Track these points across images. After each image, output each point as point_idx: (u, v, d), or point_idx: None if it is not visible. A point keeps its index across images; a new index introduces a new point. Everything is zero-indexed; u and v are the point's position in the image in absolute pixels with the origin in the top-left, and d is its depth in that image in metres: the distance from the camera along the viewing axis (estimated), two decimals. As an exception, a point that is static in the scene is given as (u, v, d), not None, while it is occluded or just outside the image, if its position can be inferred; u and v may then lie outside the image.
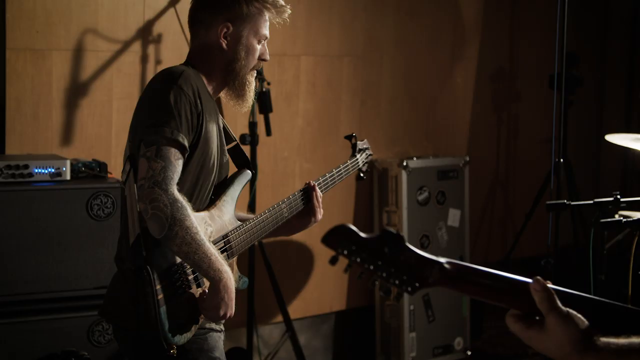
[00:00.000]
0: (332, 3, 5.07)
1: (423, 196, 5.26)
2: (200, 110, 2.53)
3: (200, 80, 2.64)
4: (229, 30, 2.65)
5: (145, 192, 2.41)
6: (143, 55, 4.31)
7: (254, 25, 2.67)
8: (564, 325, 1.47)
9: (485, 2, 5.87)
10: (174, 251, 2.45)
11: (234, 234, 2.67)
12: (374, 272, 1.45)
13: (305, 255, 5.13)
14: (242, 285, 2.82)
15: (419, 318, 5.20)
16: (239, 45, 2.66)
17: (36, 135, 4.07)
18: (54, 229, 3.54)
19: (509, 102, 6.15)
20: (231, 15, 2.64)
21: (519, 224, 5.71)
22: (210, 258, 2.44)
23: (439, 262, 1.46)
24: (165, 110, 2.47)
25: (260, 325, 4.85)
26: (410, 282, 1.45)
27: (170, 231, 2.38)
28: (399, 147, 5.47)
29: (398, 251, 1.45)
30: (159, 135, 2.44)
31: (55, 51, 4.08)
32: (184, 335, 2.52)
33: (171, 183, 2.42)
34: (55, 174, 3.62)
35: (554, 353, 1.48)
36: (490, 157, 6.09)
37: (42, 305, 3.55)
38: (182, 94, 2.49)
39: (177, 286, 2.51)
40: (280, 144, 4.91)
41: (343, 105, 5.20)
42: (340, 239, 1.45)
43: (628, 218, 3.49)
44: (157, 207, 2.38)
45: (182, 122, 2.47)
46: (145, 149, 2.45)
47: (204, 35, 2.68)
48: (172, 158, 2.45)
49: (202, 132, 2.55)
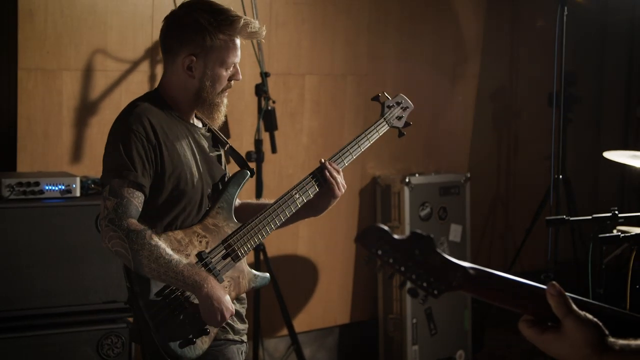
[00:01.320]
0: (336, 23, 5.14)
1: (425, 212, 5.32)
2: (155, 143, 2.60)
3: (162, 108, 2.69)
4: (193, 63, 2.67)
5: (103, 232, 2.55)
6: (151, 74, 4.39)
7: (219, 55, 2.67)
8: (582, 327, 1.47)
9: (486, 22, 5.94)
10: (149, 277, 2.54)
11: (234, 237, 2.71)
12: (404, 272, 1.45)
13: (310, 269, 5.18)
14: (262, 282, 2.82)
15: (421, 331, 5.24)
16: (204, 76, 2.68)
17: (47, 153, 4.13)
18: (64, 245, 3.58)
19: (509, 120, 6.20)
20: (195, 48, 2.65)
21: (519, 239, 5.74)
22: (183, 273, 2.51)
23: (463, 266, 1.47)
24: (115, 154, 2.58)
25: (266, 338, 4.90)
26: (437, 284, 1.46)
27: (135, 260, 2.49)
28: (401, 163, 5.52)
29: (427, 253, 1.45)
30: (110, 178, 2.57)
31: (65, 71, 4.15)
32: (195, 348, 2.59)
33: (124, 217, 2.52)
34: (65, 191, 3.67)
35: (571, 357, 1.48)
36: (490, 173, 6.14)
37: (52, 319, 3.58)
38: (130, 134, 2.57)
39: (175, 305, 2.59)
40: (285, 161, 4.98)
41: (347, 122, 5.26)
42: (374, 239, 1.45)
43: (626, 233, 3.53)
44: (116, 244, 2.51)
45: (135, 160, 2.56)
46: (102, 189, 2.60)
47: (171, 63, 2.72)
48: (125, 193, 2.55)
49: (165, 161, 2.62)
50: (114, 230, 2.51)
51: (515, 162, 6.25)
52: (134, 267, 2.50)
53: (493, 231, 6.15)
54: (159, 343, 2.53)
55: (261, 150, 4.49)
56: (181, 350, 2.56)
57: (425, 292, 1.46)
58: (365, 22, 5.28)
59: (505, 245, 6.21)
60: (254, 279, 2.79)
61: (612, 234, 3.46)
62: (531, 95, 6.14)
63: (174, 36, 2.69)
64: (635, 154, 4.16)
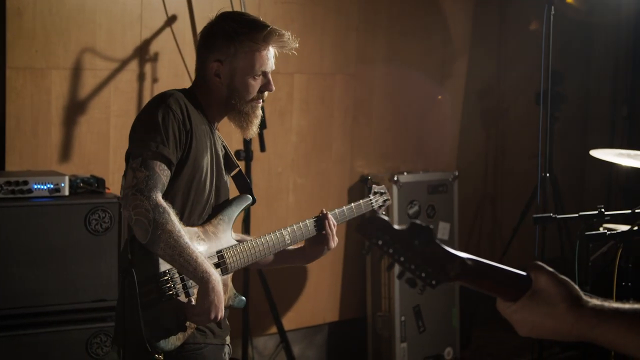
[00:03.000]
0: (324, 22, 5.16)
1: (413, 210, 5.34)
2: (189, 129, 2.64)
3: (195, 104, 2.74)
4: (220, 69, 2.74)
5: (128, 200, 2.52)
6: (140, 73, 4.39)
7: (245, 63, 2.73)
8: (557, 282, 1.49)
9: (474, 21, 5.96)
10: (159, 255, 2.53)
11: (228, 252, 2.74)
12: (403, 262, 1.47)
13: (298, 268, 5.19)
14: (238, 304, 2.84)
15: (409, 329, 5.27)
16: (232, 83, 2.75)
17: (35, 152, 4.13)
18: (53, 244, 3.58)
19: (497, 119, 6.23)
20: (221, 55, 2.73)
21: (506, 236, 5.77)
22: (197, 261, 2.51)
23: (461, 257, 1.50)
24: (152, 126, 2.59)
25: (255, 336, 4.91)
26: (435, 275, 1.47)
27: (153, 235, 2.48)
28: (390, 162, 5.54)
29: (426, 244, 1.47)
30: (144, 149, 2.56)
31: (54, 70, 4.15)
32: (169, 340, 2.59)
33: (154, 190, 2.52)
34: (54, 190, 3.67)
35: (546, 318, 1.47)
36: (478, 171, 6.16)
37: (41, 318, 3.59)
38: (169, 112, 2.61)
39: (164, 293, 2.58)
40: (274, 160, 4.99)
41: (335, 121, 5.28)
42: (375, 229, 1.47)
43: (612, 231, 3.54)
44: (139, 213, 2.49)
45: (169, 137, 2.58)
46: (132, 161, 2.58)
47: (201, 69, 2.80)
48: (157, 169, 2.55)
49: (192, 149, 2.65)
50: (141, 200, 2.50)
51: (503, 161, 6.28)
52: (149, 239, 2.49)
53: (481, 229, 6.18)
54: (142, 324, 2.51)
55: (250, 148, 4.50)
56: (157, 339, 2.56)
57: (423, 282, 1.48)
58: (354, 21, 5.30)
59: (493, 242, 6.24)
60: (232, 297, 2.82)
61: (599, 232, 3.48)
62: (519, 94, 6.17)
63: (205, 44, 2.77)
64: (621, 152, 4.18)
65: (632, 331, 1.41)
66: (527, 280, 1.52)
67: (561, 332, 1.48)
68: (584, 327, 1.45)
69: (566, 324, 1.46)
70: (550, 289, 1.48)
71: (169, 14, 4.46)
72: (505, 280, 1.53)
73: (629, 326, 1.41)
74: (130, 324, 2.55)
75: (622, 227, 3.72)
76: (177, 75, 4.50)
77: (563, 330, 1.47)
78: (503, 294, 1.53)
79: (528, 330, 1.51)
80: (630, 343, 1.41)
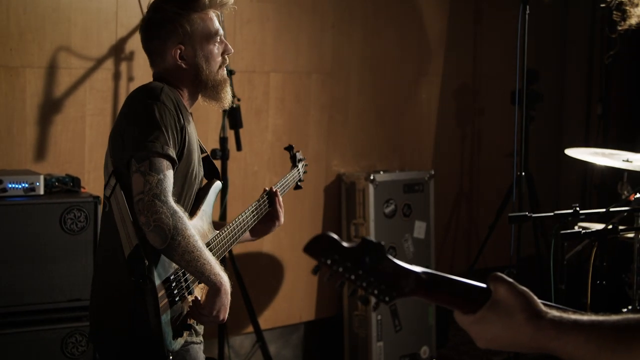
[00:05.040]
0: (300, 21, 5.16)
1: (390, 209, 5.36)
2: (182, 124, 2.62)
3: (177, 94, 2.72)
4: (183, 51, 2.71)
5: (145, 206, 2.46)
6: (115, 72, 4.37)
7: (202, 33, 2.73)
8: (516, 293, 1.47)
9: (449, 20, 5.99)
10: (175, 260, 2.51)
11: (214, 242, 2.73)
12: (354, 281, 1.44)
13: (275, 267, 5.20)
14: None
15: (386, 328, 5.28)
16: (197, 59, 2.73)
17: (10, 150, 4.10)
18: (28, 243, 3.56)
19: (473, 117, 6.26)
20: (178, 38, 2.70)
21: (482, 235, 5.80)
22: (211, 264, 2.52)
23: (415, 272, 1.46)
24: (153, 125, 2.54)
25: (231, 335, 4.91)
26: (388, 291, 1.44)
27: (173, 241, 2.45)
28: (366, 161, 5.55)
29: (378, 260, 1.44)
30: (150, 151, 2.51)
31: (28, 68, 4.12)
32: (178, 340, 2.59)
33: (168, 195, 2.49)
34: (29, 189, 3.65)
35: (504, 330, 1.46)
36: (454, 170, 6.19)
37: (16, 318, 3.56)
38: (165, 109, 2.57)
39: (175, 294, 2.57)
40: (250, 159, 4.98)
41: (312, 120, 5.28)
42: (322, 248, 1.43)
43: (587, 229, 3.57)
44: (159, 219, 2.44)
45: (169, 136, 2.55)
46: (138, 164, 2.51)
47: (161, 61, 2.75)
48: (165, 170, 2.52)
49: (186, 144, 2.63)
50: (160, 206, 2.45)
51: (478, 160, 6.31)
52: (167, 245, 2.45)
53: (457, 228, 6.21)
54: (153, 328, 2.49)
55: (226, 147, 4.50)
56: (169, 340, 2.55)
57: (377, 299, 1.45)
58: (330, 20, 5.30)
59: (469, 241, 6.27)
60: None
61: (574, 230, 3.50)
62: (494, 93, 6.20)
63: (154, 36, 2.73)
64: (596, 151, 4.21)
65: (590, 343, 1.40)
66: (486, 291, 1.50)
67: (520, 344, 1.47)
68: (542, 339, 1.43)
69: (524, 335, 1.45)
70: (509, 299, 1.47)
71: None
72: (463, 293, 1.50)
73: (586, 338, 1.40)
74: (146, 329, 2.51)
75: (597, 226, 3.75)
76: (153, 73, 4.47)
77: (522, 341, 1.46)
78: (461, 306, 1.51)
79: (487, 342, 1.50)
80: (587, 355, 1.40)
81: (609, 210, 3.54)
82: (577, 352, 1.42)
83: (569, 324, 1.43)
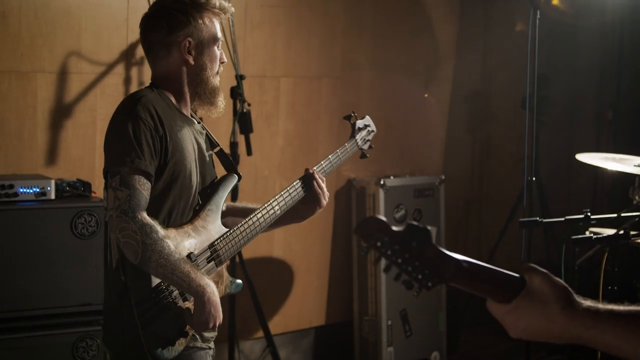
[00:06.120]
0: (310, 26, 5.16)
1: (400, 214, 5.35)
2: (162, 134, 2.59)
3: (165, 100, 2.69)
4: (191, 44, 2.70)
5: (114, 222, 2.49)
6: (126, 77, 4.38)
7: (209, 32, 2.73)
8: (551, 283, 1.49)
9: (460, 25, 5.98)
10: (152, 274, 2.52)
11: (220, 242, 2.71)
12: (400, 264, 1.47)
13: (285, 271, 5.19)
14: (236, 289, 2.86)
15: (396, 333, 5.27)
16: (203, 55, 2.72)
17: (21, 155, 4.11)
18: (39, 248, 3.57)
19: (483, 123, 6.25)
20: (189, 30, 2.69)
21: (493, 240, 5.79)
22: (189, 276, 2.50)
23: (457, 259, 1.49)
24: (124, 140, 2.53)
25: (242, 340, 4.90)
26: (431, 277, 1.47)
27: (143, 256, 2.45)
28: (376, 166, 5.54)
29: (423, 245, 1.47)
30: (120, 165, 2.52)
31: (40, 73, 4.14)
32: (172, 349, 2.59)
33: (137, 209, 2.49)
34: (40, 194, 3.66)
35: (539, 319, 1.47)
36: (465, 175, 6.18)
37: (28, 322, 3.58)
38: (140, 121, 2.55)
39: (164, 303, 2.57)
40: (260, 164, 4.99)
41: (322, 124, 5.28)
42: (372, 230, 1.47)
43: (598, 235, 3.57)
44: (127, 235, 2.46)
45: (144, 149, 2.53)
46: (110, 179, 2.54)
47: (165, 55, 2.72)
48: (137, 185, 2.51)
49: (169, 153, 2.61)
50: (127, 221, 2.46)
51: (489, 165, 6.30)
52: (140, 260, 2.46)
53: (467, 233, 6.19)
54: (144, 341, 2.50)
55: (237, 152, 4.50)
56: (161, 350, 2.55)
57: (419, 285, 1.47)
58: (340, 25, 5.30)
59: (480, 246, 6.25)
60: (229, 285, 2.83)
61: (585, 236, 3.50)
62: (504, 98, 6.19)
63: (162, 26, 2.70)
64: (607, 157, 4.20)
65: (627, 332, 1.41)
66: (521, 281, 1.52)
67: (554, 333, 1.47)
68: (578, 328, 1.44)
69: (559, 324, 1.46)
70: (544, 289, 1.48)
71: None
72: (498, 282, 1.53)
73: (624, 327, 1.41)
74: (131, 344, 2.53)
75: (608, 231, 3.74)
76: (164, 78, 4.48)
77: (556, 331, 1.46)
78: (496, 295, 1.53)
79: (520, 332, 1.51)
80: (625, 344, 1.41)
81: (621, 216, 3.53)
82: (613, 341, 1.42)
83: (605, 313, 1.43)
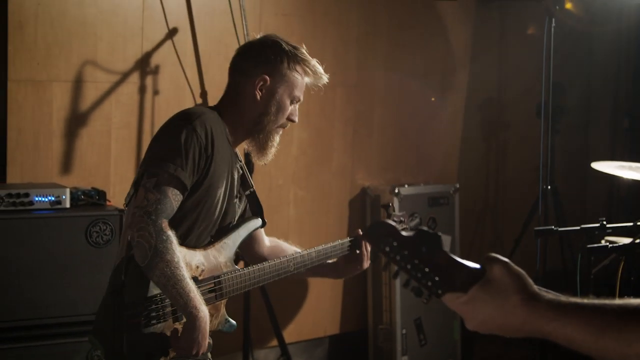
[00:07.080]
0: (325, 34, 5.16)
1: (414, 222, 5.33)
2: (209, 154, 2.59)
3: (220, 126, 2.70)
4: (266, 84, 2.73)
5: (135, 220, 2.48)
6: (141, 86, 4.40)
7: (290, 85, 2.75)
8: (511, 273, 1.42)
9: (474, 33, 5.97)
10: (154, 281, 2.50)
11: (226, 277, 2.70)
12: (409, 270, 1.44)
13: (299, 280, 5.18)
14: (229, 328, 2.82)
15: (411, 342, 5.26)
16: (272, 100, 2.74)
17: (37, 164, 4.13)
18: (54, 256, 3.57)
19: (498, 131, 6.23)
20: (271, 70, 2.73)
21: (508, 249, 5.75)
22: (189, 295, 2.47)
23: (468, 266, 1.45)
24: (173, 146, 2.54)
25: (256, 349, 4.90)
26: (441, 284, 1.44)
27: (151, 261, 2.44)
28: (390, 174, 5.53)
29: (434, 252, 1.45)
30: (161, 169, 2.52)
31: (55, 82, 4.16)
32: None
33: (161, 215, 2.48)
34: (55, 202, 3.67)
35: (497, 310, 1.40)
36: (479, 184, 6.16)
37: (41, 330, 3.58)
38: (194, 134, 2.56)
39: (153, 316, 2.55)
40: (275, 172, 4.99)
41: (336, 133, 5.28)
42: (381, 234, 1.45)
43: (614, 243, 3.54)
44: (142, 236, 2.45)
45: (189, 161, 2.54)
46: (146, 179, 2.52)
47: (241, 83, 2.76)
48: (170, 193, 2.51)
49: (208, 175, 2.61)
50: (147, 223, 2.45)
51: (504, 173, 6.28)
52: (146, 264, 2.45)
53: (482, 241, 6.17)
54: (125, 346, 2.48)
55: (251, 161, 4.48)
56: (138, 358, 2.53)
57: (429, 292, 1.45)
58: (354, 33, 5.30)
59: (494, 255, 6.21)
60: (223, 322, 2.80)
61: (601, 245, 3.47)
62: (519, 106, 6.17)
63: (251, 56, 2.75)
64: (622, 165, 4.18)
65: (591, 326, 1.34)
66: (480, 271, 1.46)
67: (513, 326, 1.41)
68: (538, 321, 1.37)
69: (519, 317, 1.39)
70: (504, 279, 1.42)
71: (170, 26, 4.46)
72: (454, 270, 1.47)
73: (588, 321, 1.34)
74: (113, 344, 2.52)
75: (624, 240, 3.71)
76: (179, 87, 4.50)
77: (515, 324, 1.40)
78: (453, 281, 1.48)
79: (478, 324, 1.44)
80: (588, 337, 1.34)
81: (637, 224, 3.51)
82: (577, 334, 1.35)
83: (568, 306, 1.37)
